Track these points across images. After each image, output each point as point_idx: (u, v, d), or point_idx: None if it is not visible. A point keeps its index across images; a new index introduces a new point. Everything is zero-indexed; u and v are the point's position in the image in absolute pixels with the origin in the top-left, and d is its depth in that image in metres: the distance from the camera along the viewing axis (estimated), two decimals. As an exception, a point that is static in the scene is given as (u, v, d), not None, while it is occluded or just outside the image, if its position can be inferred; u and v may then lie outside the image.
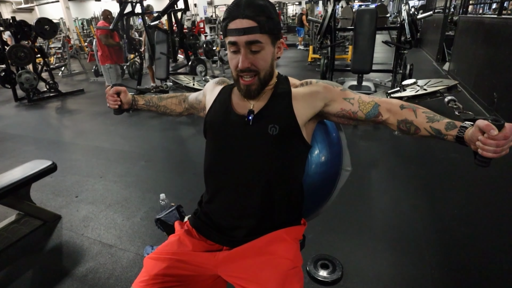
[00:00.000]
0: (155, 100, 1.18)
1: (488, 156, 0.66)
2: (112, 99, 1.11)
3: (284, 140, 0.87)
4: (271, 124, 0.86)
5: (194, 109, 1.17)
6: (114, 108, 1.14)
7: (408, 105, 0.86)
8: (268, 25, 0.81)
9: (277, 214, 0.91)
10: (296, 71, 7.05)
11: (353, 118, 0.91)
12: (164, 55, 4.34)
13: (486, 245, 1.69)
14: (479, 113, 3.66)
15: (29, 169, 1.90)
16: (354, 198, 2.14)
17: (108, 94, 1.12)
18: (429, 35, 8.51)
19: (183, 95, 1.21)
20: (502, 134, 0.64)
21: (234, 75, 0.89)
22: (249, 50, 0.82)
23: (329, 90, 0.91)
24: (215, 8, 18.80)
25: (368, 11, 3.29)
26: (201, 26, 8.57)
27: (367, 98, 0.90)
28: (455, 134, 0.74)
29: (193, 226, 0.98)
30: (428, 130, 0.80)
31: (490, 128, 0.64)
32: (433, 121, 0.80)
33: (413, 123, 0.82)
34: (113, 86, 1.13)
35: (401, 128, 0.86)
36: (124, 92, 1.12)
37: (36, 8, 21.00)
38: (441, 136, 0.78)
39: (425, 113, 0.82)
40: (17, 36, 5.27)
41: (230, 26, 0.81)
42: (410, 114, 0.83)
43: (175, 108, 1.19)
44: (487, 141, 0.65)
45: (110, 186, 2.49)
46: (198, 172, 2.60)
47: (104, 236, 1.90)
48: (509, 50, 3.23)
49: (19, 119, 4.70)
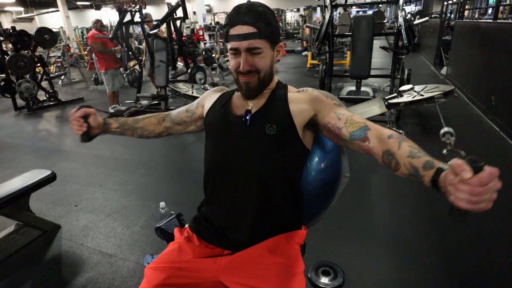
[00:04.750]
0: (131, 122, 1.09)
1: (460, 206, 0.53)
2: (77, 124, 0.97)
3: (281, 140, 0.88)
4: (268, 123, 0.87)
5: (179, 125, 1.11)
6: (80, 134, 0.98)
7: (397, 136, 0.76)
8: (267, 30, 0.84)
9: (277, 216, 0.91)
10: (295, 77, 7.08)
11: (338, 134, 0.86)
12: (163, 63, 4.37)
13: (488, 249, 1.68)
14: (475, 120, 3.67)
15: (28, 179, 1.89)
16: (354, 202, 2.14)
17: (72, 117, 0.97)
18: (427, 40, 8.58)
19: (162, 114, 1.14)
20: (477, 178, 0.50)
21: (235, 75, 0.91)
22: (249, 54, 0.85)
23: (320, 100, 0.90)
24: (214, 15, 18.96)
25: (365, 18, 3.32)
26: (200, 34, 8.62)
27: (359, 119, 0.84)
28: (431, 176, 0.62)
29: (193, 231, 0.98)
30: (407, 167, 0.70)
31: (462, 169, 0.52)
32: (413, 157, 0.69)
33: (395, 156, 0.73)
34: (79, 108, 0.98)
35: (384, 161, 0.77)
36: (93, 115, 1.00)
37: (36, 17, 21.17)
38: (418, 176, 0.66)
39: (410, 147, 0.72)
40: (17, 45, 5.30)
41: (231, 32, 0.85)
42: (394, 146, 0.74)
43: (153, 129, 1.12)
44: (459, 186, 0.52)
45: (110, 195, 2.48)
46: (198, 179, 2.58)
47: (104, 246, 1.89)
48: (505, 54, 3.26)
49: (19, 128, 4.70)
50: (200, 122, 1.09)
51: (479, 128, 3.41)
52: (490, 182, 0.51)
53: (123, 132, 1.08)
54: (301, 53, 10.96)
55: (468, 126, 3.50)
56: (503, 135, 3.08)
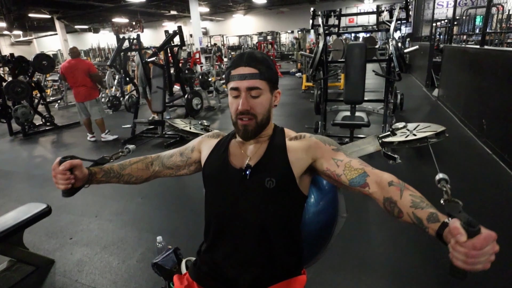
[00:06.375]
0: (116, 169, 1.02)
1: (458, 266, 0.56)
2: (63, 178, 0.87)
3: (281, 193, 0.89)
4: (268, 177, 0.89)
5: (170, 169, 1.07)
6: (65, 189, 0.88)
7: (398, 183, 0.79)
8: (267, 73, 0.89)
9: (278, 264, 0.92)
10: (291, 99, 7.19)
11: (337, 180, 0.87)
12: (160, 89, 4.43)
13: (488, 282, 1.67)
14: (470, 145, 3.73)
15: (22, 213, 1.87)
16: (352, 232, 2.13)
17: (56, 172, 0.87)
18: (418, 61, 8.82)
19: (149, 158, 1.09)
20: (471, 242, 0.53)
21: (233, 118, 0.93)
22: (249, 95, 0.88)
23: (319, 147, 0.92)
24: (210, 38, 19.40)
25: (357, 46, 3.43)
26: (196, 57, 8.78)
27: (357, 164, 0.86)
28: (436, 230, 0.65)
29: (194, 279, 0.97)
30: (410, 217, 0.73)
31: (457, 232, 0.55)
32: (416, 207, 0.72)
33: (397, 204, 0.75)
34: (62, 161, 0.87)
35: (386, 208, 0.79)
36: (79, 167, 0.91)
37: (34, 40, 21.48)
38: (423, 227, 0.70)
39: (412, 196, 0.74)
40: (15, 71, 5.35)
41: (233, 72, 0.89)
42: (396, 194, 0.76)
43: (141, 174, 1.06)
44: (455, 248, 0.56)
45: (105, 226, 2.45)
46: (195, 208, 2.58)
47: (99, 282, 1.85)
48: (494, 79, 3.35)
49: (14, 155, 4.68)
50: (194, 166, 1.07)
51: (472, 151, 3.45)
52: (485, 246, 0.53)
53: (108, 181, 1.01)
54: (295, 74, 11.16)
55: (461, 149, 3.55)
56: (496, 159, 3.13)
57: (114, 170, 1.02)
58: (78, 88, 4.54)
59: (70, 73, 4.47)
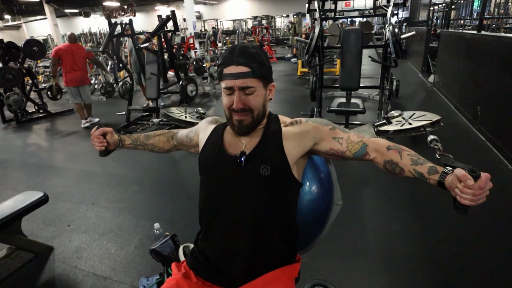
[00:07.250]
0: (142, 139, 1.20)
1: (466, 204, 0.71)
2: (98, 141, 1.09)
3: (275, 181, 0.90)
4: (263, 165, 0.89)
5: (183, 146, 1.19)
6: (101, 150, 1.12)
7: (394, 146, 0.90)
8: (260, 70, 0.87)
9: (272, 252, 0.93)
10: (286, 85, 7.15)
11: (342, 156, 0.95)
12: (154, 75, 4.37)
13: (478, 265, 1.73)
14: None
15: (20, 202, 1.87)
16: (346, 218, 2.16)
17: (94, 136, 1.10)
18: (414, 47, 8.76)
19: (171, 132, 1.23)
20: (477, 184, 0.69)
21: (227, 113, 0.92)
22: (243, 93, 0.87)
23: (318, 130, 0.94)
24: (204, 22, 19.01)
25: (354, 31, 3.39)
26: (190, 42, 8.63)
27: (356, 137, 0.94)
28: (437, 179, 0.79)
29: (191, 267, 0.99)
30: (412, 172, 0.85)
31: (467, 178, 0.69)
32: (416, 164, 0.84)
33: (398, 164, 0.87)
34: (98, 128, 1.11)
35: (387, 168, 0.90)
36: (110, 133, 1.11)
37: (24, 25, 20.88)
38: (424, 179, 0.82)
39: (410, 156, 0.86)
40: (5, 58, 5.23)
41: (225, 71, 0.87)
42: (396, 156, 0.88)
43: (163, 146, 1.21)
44: (464, 190, 0.70)
45: (102, 213, 2.46)
46: (191, 195, 2.60)
47: (98, 268, 1.88)
48: (489, 66, 3.36)
49: (7, 143, 4.63)
50: (197, 149, 1.12)
51: (466, 138, 3.49)
52: (486, 186, 0.70)
53: (135, 147, 1.19)
54: (290, 60, 11.05)
55: (455, 135, 3.58)
56: (489, 145, 3.17)
57: (140, 139, 1.19)
58: (75, 72, 4.62)
59: (70, 56, 4.53)
